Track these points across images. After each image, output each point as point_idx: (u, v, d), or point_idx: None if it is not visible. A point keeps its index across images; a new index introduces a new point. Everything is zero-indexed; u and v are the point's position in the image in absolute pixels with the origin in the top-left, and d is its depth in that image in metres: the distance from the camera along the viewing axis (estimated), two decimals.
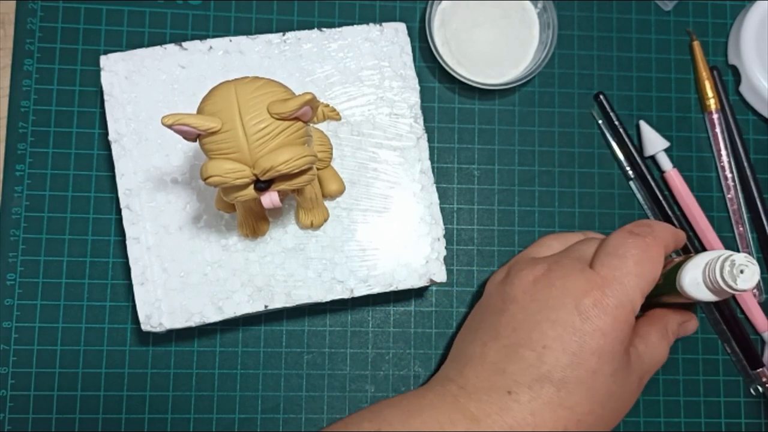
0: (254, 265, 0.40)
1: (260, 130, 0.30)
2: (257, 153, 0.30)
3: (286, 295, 0.40)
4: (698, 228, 0.49)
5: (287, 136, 0.30)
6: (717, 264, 0.37)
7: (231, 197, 0.32)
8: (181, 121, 0.29)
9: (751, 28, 0.49)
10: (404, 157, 0.42)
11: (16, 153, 0.46)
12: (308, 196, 0.38)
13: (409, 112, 0.43)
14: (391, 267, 0.41)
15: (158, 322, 0.39)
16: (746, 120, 0.51)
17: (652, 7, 0.51)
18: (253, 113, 0.30)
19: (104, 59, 0.42)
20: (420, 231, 0.41)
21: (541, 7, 0.48)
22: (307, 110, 0.30)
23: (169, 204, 0.40)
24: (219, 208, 0.39)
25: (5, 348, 0.44)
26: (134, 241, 0.40)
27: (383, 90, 0.43)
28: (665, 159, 0.49)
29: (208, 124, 0.29)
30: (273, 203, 0.32)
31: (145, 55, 0.42)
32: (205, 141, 0.31)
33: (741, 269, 0.37)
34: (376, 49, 0.43)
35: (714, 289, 0.38)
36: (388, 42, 0.43)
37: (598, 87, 0.50)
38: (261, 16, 0.49)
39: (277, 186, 0.32)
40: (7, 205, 0.45)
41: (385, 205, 0.42)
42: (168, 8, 0.48)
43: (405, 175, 0.42)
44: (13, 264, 0.45)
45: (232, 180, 0.30)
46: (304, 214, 0.39)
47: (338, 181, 0.41)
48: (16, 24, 0.47)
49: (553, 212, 0.49)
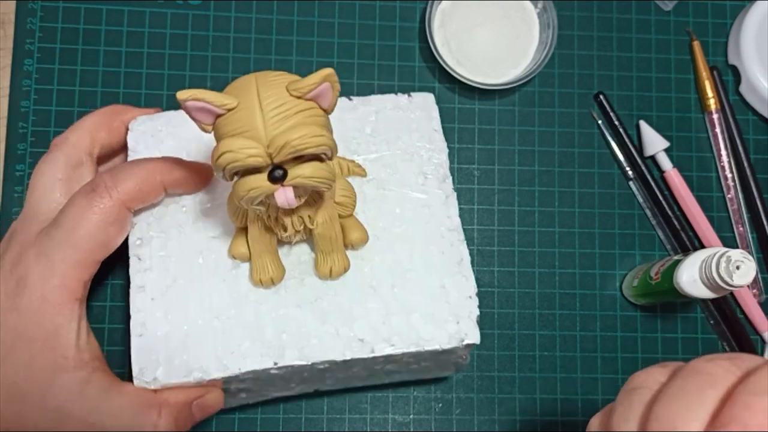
0: (265, 317, 0.36)
1: (277, 107, 0.28)
2: (273, 130, 0.28)
3: (299, 350, 0.35)
4: (698, 228, 0.49)
5: (305, 117, 0.29)
6: (713, 261, 0.38)
7: (243, 192, 0.29)
8: (197, 96, 0.28)
9: (751, 28, 0.49)
10: (432, 213, 0.39)
11: (16, 153, 0.46)
12: (327, 235, 0.35)
13: (436, 171, 0.40)
14: (417, 325, 0.36)
15: (152, 377, 0.35)
16: (746, 120, 0.51)
17: (652, 7, 0.51)
18: (271, 92, 0.29)
19: (134, 122, 0.40)
20: (450, 288, 0.37)
21: (541, 7, 0.48)
22: (326, 89, 0.29)
23: (182, 254, 0.37)
24: (233, 254, 0.37)
25: None
26: (139, 290, 0.36)
27: (411, 149, 0.40)
28: (665, 159, 0.49)
29: (225, 100, 0.28)
30: (288, 201, 0.30)
31: (172, 116, 0.40)
32: (219, 122, 0.29)
33: (737, 265, 0.37)
34: (404, 115, 0.41)
35: (711, 286, 0.38)
36: (416, 108, 0.42)
37: (598, 87, 0.50)
38: (261, 16, 0.49)
39: (293, 179, 0.29)
40: (7, 205, 0.45)
41: (411, 260, 0.38)
42: (168, 8, 0.48)
43: (433, 230, 0.39)
44: None
45: (245, 157, 0.28)
46: (323, 258, 0.36)
47: (361, 230, 0.37)
48: (16, 24, 0.47)
49: (553, 212, 0.49)
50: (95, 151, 0.38)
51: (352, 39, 0.49)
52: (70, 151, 0.37)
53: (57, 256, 0.33)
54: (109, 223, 0.34)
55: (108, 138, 0.39)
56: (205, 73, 0.48)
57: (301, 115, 0.29)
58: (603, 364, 0.47)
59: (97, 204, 0.33)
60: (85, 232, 0.33)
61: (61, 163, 0.37)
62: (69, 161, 0.37)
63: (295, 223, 0.33)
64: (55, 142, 0.37)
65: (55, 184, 0.36)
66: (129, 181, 0.34)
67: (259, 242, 0.35)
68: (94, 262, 0.34)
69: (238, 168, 0.29)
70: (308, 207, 0.33)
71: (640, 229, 0.49)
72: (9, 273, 0.33)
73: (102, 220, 0.33)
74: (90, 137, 0.38)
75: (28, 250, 0.33)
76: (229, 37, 0.48)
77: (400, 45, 0.49)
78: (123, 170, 0.34)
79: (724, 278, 0.37)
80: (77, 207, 0.33)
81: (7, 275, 0.33)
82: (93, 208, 0.33)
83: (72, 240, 0.33)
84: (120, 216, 0.34)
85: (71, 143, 0.37)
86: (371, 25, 0.49)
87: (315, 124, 0.29)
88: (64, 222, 0.33)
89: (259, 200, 0.30)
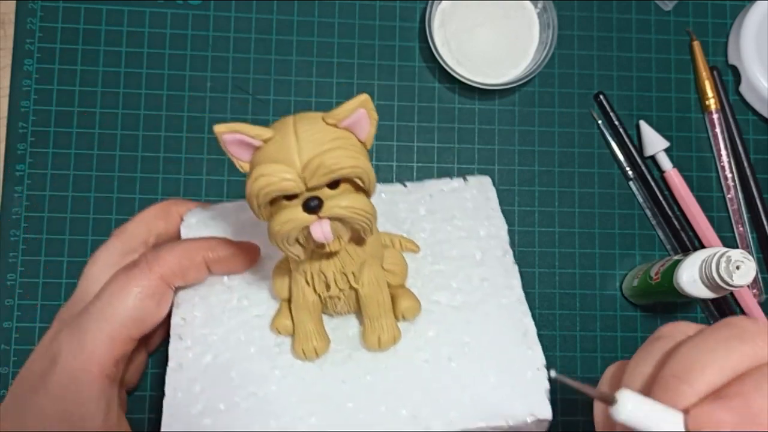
0: (309, 393, 0.34)
1: (312, 134, 0.28)
2: (307, 155, 0.27)
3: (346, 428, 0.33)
4: (698, 228, 0.49)
5: (340, 142, 0.28)
6: (713, 261, 0.38)
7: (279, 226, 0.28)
8: (233, 128, 0.28)
9: (751, 28, 0.49)
10: (492, 286, 0.37)
11: (16, 153, 0.46)
12: (374, 297, 0.33)
13: (496, 247, 0.39)
14: (478, 401, 0.33)
15: None
16: (746, 120, 0.51)
17: (652, 7, 0.51)
18: (307, 123, 0.28)
19: (188, 213, 0.39)
20: (514, 361, 0.35)
21: (541, 7, 0.48)
22: (362, 116, 0.28)
23: (224, 333, 0.36)
24: (276, 326, 0.35)
25: (6, 348, 0.44)
26: (177, 369, 0.35)
27: (467, 227, 0.39)
28: (665, 159, 0.49)
29: (260, 131, 0.28)
30: (324, 234, 0.28)
31: (225, 208, 0.39)
32: (255, 155, 0.29)
33: (737, 265, 0.37)
34: (459, 195, 0.40)
35: (711, 286, 0.38)
36: (472, 188, 0.41)
37: (598, 87, 0.50)
38: (261, 16, 0.49)
39: (329, 209, 0.28)
40: (7, 206, 0.45)
41: (469, 333, 0.35)
42: (168, 8, 0.48)
43: (492, 303, 0.37)
44: (13, 264, 0.45)
45: (278, 181, 0.27)
46: (370, 325, 0.33)
47: (413, 298, 0.35)
48: (16, 24, 0.47)
49: (553, 212, 0.49)
50: (151, 240, 0.38)
51: (352, 39, 0.49)
52: (127, 239, 0.37)
53: (89, 330, 0.32)
54: (147, 296, 0.33)
55: (164, 228, 0.39)
56: (205, 73, 0.48)
57: (336, 141, 0.28)
58: (603, 365, 0.47)
59: (136, 276, 0.33)
60: (121, 305, 0.32)
61: (117, 251, 0.37)
62: (124, 249, 0.37)
63: (338, 279, 0.32)
64: (115, 231, 0.38)
65: (107, 269, 0.36)
66: (170, 256, 0.34)
67: (302, 308, 0.33)
68: (128, 339, 0.33)
69: (272, 193, 0.28)
70: (352, 262, 0.32)
71: (640, 229, 0.49)
72: (45, 351, 0.33)
73: (139, 293, 0.33)
74: (147, 227, 0.38)
75: (65, 328, 0.33)
76: (229, 37, 0.48)
77: (400, 45, 0.49)
78: (166, 246, 0.34)
79: (724, 278, 0.37)
80: (116, 280, 0.33)
81: (42, 353, 0.33)
82: (131, 281, 0.33)
83: (106, 313, 0.32)
84: (159, 291, 0.33)
85: (129, 232, 0.38)
86: (371, 25, 0.49)
87: (350, 147, 0.28)
88: (101, 296, 0.33)
89: (295, 236, 0.29)
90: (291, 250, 0.30)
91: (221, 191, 0.47)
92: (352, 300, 0.33)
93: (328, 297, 0.33)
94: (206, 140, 0.47)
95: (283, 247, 0.29)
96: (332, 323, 0.35)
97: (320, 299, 0.33)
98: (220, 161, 0.47)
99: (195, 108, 0.47)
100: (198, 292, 0.36)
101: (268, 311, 0.36)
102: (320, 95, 0.48)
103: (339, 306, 0.34)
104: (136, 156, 0.46)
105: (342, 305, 0.34)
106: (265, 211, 0.29)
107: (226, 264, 0.35)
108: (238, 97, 0.48)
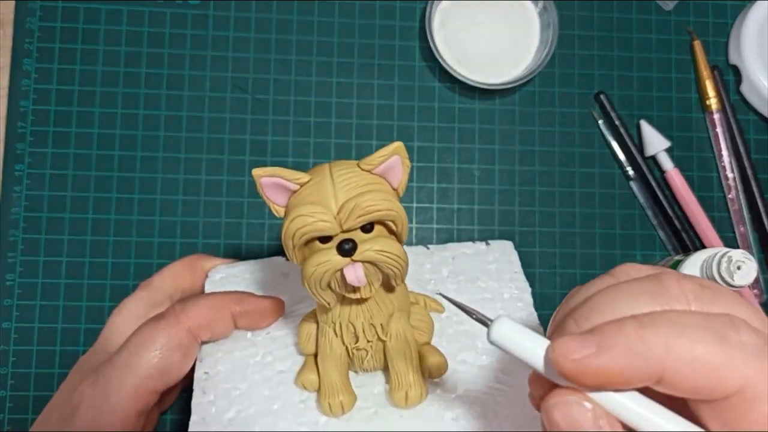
0: None
1: (348, 179, 0.29)
2: (343, 198, 0.28)
3: None
4: (699, 228, 0.48)
5: (375, 186, 0.29)
6: (714, 261, 0.37)
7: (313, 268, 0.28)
8: (272, 172, 0.29)
9: (752, 28, 0.49)
10: None
11: (15, 153, 0.45)
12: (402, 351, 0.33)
13: (520, 309, 0.39)
14: None
15: None
16: (747, 120, 0.51)
17: (653, 6, 0.51)
18: (343, 169, 0.29)
19: (213, 270, 0.40)
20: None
21: (542, 6, 0.48)
22: (395, 163, 0.29)
23: (248, 387, 0.35)
24: (301, 381, 0.34)
25: (5, 348, 0.44)
26: (199, 422, 0.34)
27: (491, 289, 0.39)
28: (666, 159, 0.49)
29: (298, 175, 0.29)
30: (358, 278, 0.29)
31: (249, 266, 0.40)
32: (291, 198, 0.30)
33: (738, 265, 0.37)
34: (482, 258, 0.41)
35: None
36: (494, 252, 0.41)
37: (599, 87, 0.50)
38: (261, 15, 0.48)
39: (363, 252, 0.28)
40: (6, 206, 0.45)
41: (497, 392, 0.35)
42: (167, 8, 0.48)
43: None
44: (12, 264, 0.44)
45: (315, 221, 0.28)
46: (397, 381, 0.33)
47: (439, 355, 0.35)
48: (15, 23, 0.46)
49: (554, 212, 0.48)
50: (176, 295, 0.39)
51: (352, 39, 0.49)
52: (153, 292, 0.38)
53: (114, 380, 0.32)
54: (174, 348, 0.33)
55: (190, 282, 0.39)
56: (204, 72, 0.48)
57: (370, 185, 0.29)
58: None
59: (163, 327, 0.33)
60: (147, 355, 0.32)
61: (143, 303, 0.37)
62: (150, 301, 0.38)
63: (366, 331, 0.32)
64: (141, 284, 0.39)
65: (131, 320, 0.36)
66: (198, 309, 0.34)
67: (329, 360, 0.33)
68: (152, 391, 0.32)
69: (308, 233, 0.28)
70: (380, 313, 0.32)
71: (641, 230, 0.49)
72: (66, 399, 0.32)
73: (166, 343, 0.32)
74: (173, 280, 0.39)
75: (89, 377, 0.33)
76: (228, 37, 0.48)
77: (400, 44, 0.49)
78: (193, 299, 0.35)
79: (725, 278, 0.37)
80: (143, 331, 0.33)
81: (63, 401, 0.33)
82: (159, 331, 0.33)
83: (132, 363, 0.32)
84: (185, 342, 0.33)
85: (155, 285, 0.39)
86: (371, 25, 0.49)
87: (384, 191, 0.29)
88: (128, 345, 0.33)
89: (329, 279, 0.29)
90: (322, 295, 0.30)
91: (220, 191, 0.47)
92: (379, 354, 0.33)
93: (355, 349, 0.33)
94: (205, 140, 0.47)
95: (315, 291, 0.30)
96: (358, 380, 0.35)
97: (348, 353, 0.33)
98: (219, 161, 0.47)
99: (194, 108, 0.47)
100: (222, 347, 0.36)
101: (292, 367, 0.36)
102: (320, 95, 0.48)
103: (366, 361, 0.33)
104: (135, 156, 0.46)
105: (369, 360, 0.33)
106: (299, 253, 0.29)
107: (252, 318, 0.35)
108: (237, 96, 0.48)
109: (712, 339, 0.20)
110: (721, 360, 0.20)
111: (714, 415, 0.21)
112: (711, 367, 0.20)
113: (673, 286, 0.22)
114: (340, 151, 0.48)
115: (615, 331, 0.21)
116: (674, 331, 0.20)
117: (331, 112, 0.48)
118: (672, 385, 0.20)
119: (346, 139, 0.48)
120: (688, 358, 0.20)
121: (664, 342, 0.20)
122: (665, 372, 0.20)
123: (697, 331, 0.20)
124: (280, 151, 0.47)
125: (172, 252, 0.46)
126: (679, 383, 0.20)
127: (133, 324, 0.35)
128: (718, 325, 0.20)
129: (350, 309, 0.31)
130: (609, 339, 0.20)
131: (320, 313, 0.33)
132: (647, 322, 0.20)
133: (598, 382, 0.21)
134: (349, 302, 0.31)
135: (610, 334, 0.20)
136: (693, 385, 0.20)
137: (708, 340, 0.20)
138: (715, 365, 0.20)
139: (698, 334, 0.20)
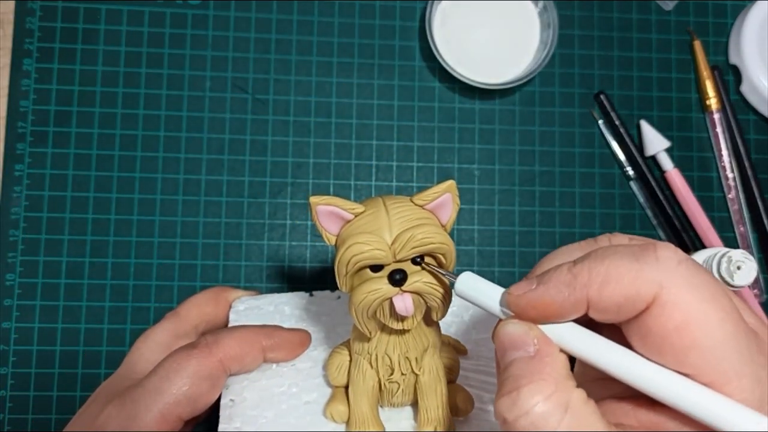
0: None
1: (402, 212, 0.30)
2: (397, 230, 0.29)
3: None
4: (699, 228, 0.48)
5: (427, 220, 0.30)
6: (714, 261, 0.37)
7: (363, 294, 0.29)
8: (329, 201, 0.30)
9: (752, 28, 0.49)
10: None
11: (15, 153, 0.45)
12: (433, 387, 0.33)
13: None
14: None
15: None
16: (747, 120, 0.51)
17: (653, 6, 0.51)
18: (397, 202, 0.30)
19: (237, 301, 0.41)
20: None
21: (542, 6, 0.48)
22: (447, 200, 0.30)
23: (274, 416, 0.36)
24: (330, 412, 0.35)
25: (5, 348, 0.44)
26: None
27: None
28: (666, 159, 0.49)
29: (354, 206, 0.30)
30: (406, 307, 0.30)
31: (273, 298, 0.40)
32: (345, 228, 0.30)
33: (738, 265, 0.37)
34: None
35: None
36: None
37: (599, 86, 0.50)
38: (260, 15, 0.48)
39: (412, 283, 0.30)
40: (6, 206, 0.45)
41: None
42: (167, 8, 0.48)
43: None
44: (12, 264, 0.44)
45: (370, 249, 0.29)
46: (426, 417, 0.34)
47: (466, 393, 0.36)
48: (15, 23, 0.46)
49: (554, 212, 0.48)
50: (201, 326, 0.39)
51: (351, 38, 0.49)
52: (178, 321, 0.39)
53: (142, 404, 0.32)
54: (204, 377, 0.33)
55: (214, 313, 0.40)
56: (204, 72, 0.48)
57: (423, 219, 0.30)
58: None
59: (195, 356, 0.33)
60: (177, 382, 0.32)
61: (168, 331, 0.38)
62: (176, 330, 0.38)
63: (402, 363, 0.33)
64: (167, 314, 0.39)
65: (157, 348, 0.37)
66: (230, 340, 0.34)
67: (362, 392, 0.34)
68: (177, 419, 0.32)
69: (363, 261, 0.29)
70: (416, 346, 0.32)
71: (641, 230, 0.49)
72: (90, 421, 0.32)
73: (196, 372, 0.32)
74: (198, 311, 0.39)
75: (114, 400, 0.33)
76: (228, 37, 0.48)
77: (400, 44, 0.49)
78: (225, 331, 0.35)
79: (725, 278, 0.37)
80: (175, 357, 0.33)
81: (86, 424, 0.33)
82: (191, 360, 0.33)
83: (162, 388, 0.32)
84: (215, 372, 0.33)
85: (181, 315, 0.39)
86: (371, 25, 0.49)
87: (436, 225, 0.30)
88: (157, 371, 0.33)
89: (377, 307, 0.30)
90: (367, 324, 0.31)
91: (220, 191, 0.47)
92: (410, 389, 0.34)
93: (388, 382, 0.33)
94: (205, 140, 0.47)
95: (362, 319, 0.31)
96: (384, 415, 0.35)
97: (379, 386, 0.34)
98: (219, 161, 0.47)
99: (194, 108, 0.47)
100: (248, 375, 0.37)
101: (318, 399, 0.36)
102: (320, 95, 0.48)
103: (396, 395, 0.34)
104: (135, 156, 0.46)
105: (399, 394, 0.34)
106: (350, 281, 0.30)
107: (280, 351, 0.36)
108: (237, 96, 0.48)
109: (629, 259, 0.22)
110: (635, 273, 0.22)
111: (637, 331, 0.23)
112: (627, 281, 0.22)
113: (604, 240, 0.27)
114: (340, 151, 0.48)
115: (552, 270, 0.24)
116: (597, 259, 0.23)
117: (331, 112, 0.48)
118: (599, 308, 0.23)
119: (346, 139, 0.48)
120: (607, 279, 0.22)
121: (587, 270, 0.23)
122: (591, 297, 0.23)
123: (616, 256, 0.23)
124: (280, 151, 0.47)
125: (172, 252, 0.46)
126: (604, 305, 0.22)
127: (158, 352, 0.36)
128: (637, 248, 0.23)
129: (388, 341, 0.32)
130: (546, 276, 0.24)
131: (357, 343, 0.33)
132: (578, 261, 0.23)
133: (538, 313, 0.24)
134: (387, 334, 0.32)
135: (548, 273, 0.24)
136: (615, 301, 0.22)
137: (625, 260, 0.22)
138: (630, 279, 0.22)
139: (617, 258, 0.23)
